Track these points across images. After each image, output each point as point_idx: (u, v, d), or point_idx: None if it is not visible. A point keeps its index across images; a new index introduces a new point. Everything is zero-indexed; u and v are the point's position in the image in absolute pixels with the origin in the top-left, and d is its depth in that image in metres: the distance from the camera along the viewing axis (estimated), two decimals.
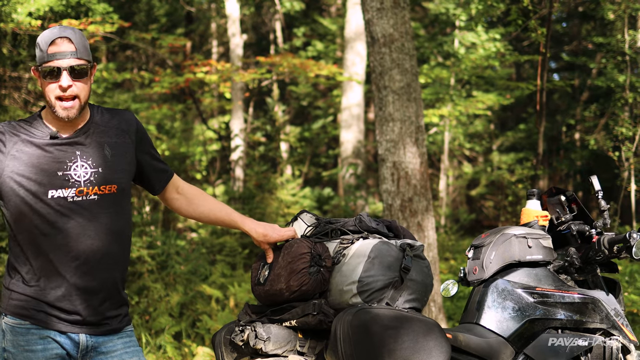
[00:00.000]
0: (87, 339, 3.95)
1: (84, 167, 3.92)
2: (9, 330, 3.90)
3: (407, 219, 8.89)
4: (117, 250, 4.01)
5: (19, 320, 3.88)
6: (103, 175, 3.95)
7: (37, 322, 3.87)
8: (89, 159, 3.94)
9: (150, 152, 4.24)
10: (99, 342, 3.99)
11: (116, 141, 4.07)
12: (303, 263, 3.98)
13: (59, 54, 3.86)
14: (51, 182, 3.85)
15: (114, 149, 4.04)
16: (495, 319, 4.57)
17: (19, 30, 11.31)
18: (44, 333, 3.87)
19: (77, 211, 3.88)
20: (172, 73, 18.68)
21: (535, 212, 5.10)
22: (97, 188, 3.92)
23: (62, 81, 3.86)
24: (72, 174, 3.89)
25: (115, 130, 4.09)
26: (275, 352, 3.98)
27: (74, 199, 3.88)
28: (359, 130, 19.34)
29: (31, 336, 3.87)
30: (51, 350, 3.87)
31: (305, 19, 27.10)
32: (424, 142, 9.08)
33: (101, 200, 3.94)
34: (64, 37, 3.88)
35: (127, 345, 4.07)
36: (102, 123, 4.07)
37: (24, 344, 3.87)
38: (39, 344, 3.86)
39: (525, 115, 26.52)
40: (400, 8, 9.01)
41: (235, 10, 20.47)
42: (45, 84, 3.89)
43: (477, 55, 19.56)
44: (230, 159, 20.05)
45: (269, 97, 24.94)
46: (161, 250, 11.31)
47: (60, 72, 3.86)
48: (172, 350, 9.53)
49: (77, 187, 3.89)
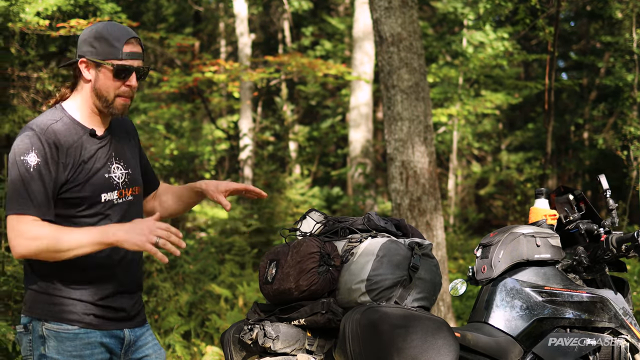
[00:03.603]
0: (130, 334, 4.02)
1: (119, 169, 3.98)
2: (52, 337, 3.85)
3: (415, 218, 8.89)
4: None
5: (65, 326, 3.85)
6: (132, 176, 4.03)
7: (85, 326, 3.87)
8: (121, 161, 4.00)
9: (145, 159, 4.32)
10: (137, 335, 4.06)
11: (131, 145, 4.14)
12: (312, 262, 3.98)
13: (134, 54, 3.89)
14: (102, 185, 3.89)
15: (132, 152, 4.12)
16: (504, 317, 4.57)
17: (27, 29, 11.34)
18: (92, 337, 3.88)
19: (119, 212, 3.94)
20: (181, 72, 18.71)
21: (543, 211, 5.09)
22: (130, 189, 4.00)
23: (132, 81, 3.89)
24: (113, 176, 3.94)
25: (127, 134, 4.15)
26: (284, 351, 3.98)
27: (117, 200, 3.94)
28: (367, 129, 19.34)
29: (79, 341, 3.85)
30: (97, 355, 3.89)
31: (313, 18, 27.11)
32: (432, 142, 9.08)
33: (133, 201, 4.03)
34: (136, 37, 3.92)
35: (152, 336, 4.18)
36: (120, 127, 4.11)
37: (72, 349, 3.85)
38: (87, 349, 3.87)
39: (534, 114, 26.50)
40: (408, 7, 9.01)
41: (243, 10, 20.48)
42: (110, 79, 3.87)
43: (485, 55, 19.54)
44: (239, 158, 20.08)
45: (277, 97, 24.97)
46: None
47: (131, 72, 3.88)
48: (181, 350, 9.54)
49: (118, 189, 3.95)
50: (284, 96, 24.63)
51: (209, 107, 21.99)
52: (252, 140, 19.99)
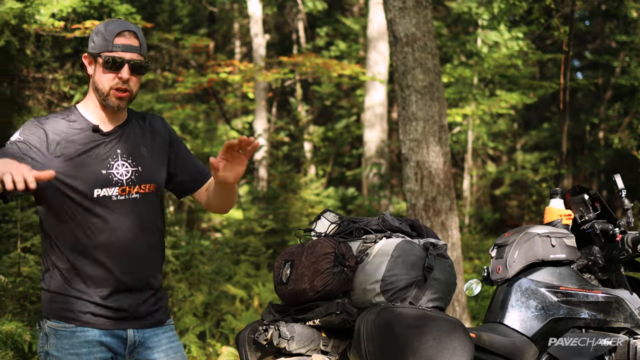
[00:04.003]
0: (135, 334, 3.98)
1: (124, 166, 3.95)
2: (52, 334, 3.89)
3: (430, 219, 8.88)
4: (157, 245, 4.07)
5: (63, 324, 3.87)
6: (142, 174, 3.99)
7: (83, 324, 3.87)
8: (129, 158, 3.98)
9: (185, 152, 4.25)
10: (145, 336, 4.01)
11: (151, 143, 4.11)
12: (327, 263, 3.98)
13: (125, 46, 3.90)
14: (96, 180, 3.87)
15: (150, 149, 4.08)
16: (519, 318, 4.57)
17: (42, 31, 11.36)
18: (90, 335, 3.87)
19: (120, 209, 3.91)
20: (195, 73, 18.72)
21: (558, 211, 5.08)
22: (138, 187, 3.96)
23: (122, 73, 3.90)
24: (114, 173, 3.92)
25: (150, 133, 4.13)
26: (299, 351, 3.97)
27: (117, 197, 3.91)
28: (382, 129, 19.32)
29: (76, 339, 3.86)
30: (96, 353, 3.88)
31: (327, 18, 27.10)
32: (447, 142, 9.07)
33: (142, 199, 3.98)
34: (131, 31, 3.94)
35: (171, 340, 4.12)
36: (137, 125, 4.11)
37: (69, 347, 3.86)
38: (84, 347, 3.86)
39: (549, 114, 26.45)
40: (422, 7, 9.00)
41: (258, 10, 20.50)
42: (102, 72, 3.92)
43: (500, 54, 19.51)
44: (253, 158, 20.09)
45: (292, 97, 24.98)
46: (185, 250, 11.33)
47: (123, 65, 3.90)
48: (197, 350, 9.55)
49: (120, 186, 3.92)
50: (298, 96, 24.65)
51: (223, 107, 22.00)
52: (266, 141, 20.00)
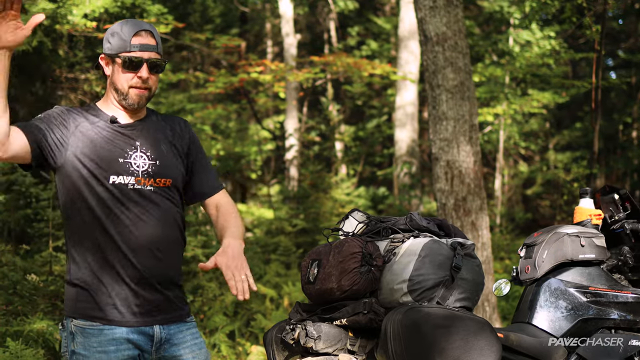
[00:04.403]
0: (161, 330, 3.98)
1: (142, 158, 3.97)
2: (79, 332, 3.90)
3: (461, 218, 8.86)
4: (175, 239, 4.06)
5: (90, 322, 3.89)
6: (160, 168, 4.00)
7: (109, 322, 3.88)
8: (148, 151, 3.99)
9: (203, 161, 4.26)
10: (170, 333, 4.02)
11: (171, 141, 4.12)
12: (354, 262, 3.98)
13: (143, 45, 3.94)
14: (112, 167, 3.89)
15: (170, 147, 4.09)
16: (548, 318, 4.55)
17: (74, 32, 11.44)
18: (117, 333, 3.88)
19: (135, 199, 3.92)
20: (227, 73, 18.78)
21: (588, 210, 5.06)
22: (152, 180, 3.96)
23: (142, 72, 3.94)
24: (132, 162, 3.94)
25: (171, 132, 4.14)
26: (326, 351, 3.98)
27: (134, 186, 3.92)
28: (413, 129, 19.28)
29: (103, 337, 3.87)
30: (123, 351, 3.88)
31: (359, 18, 27.09)
32: (477, 141, 9.04)
33: (157, 192, 3.98)
34: (147, 30, 3.97)
35: (195, 336, 4.12)
36: (157, 122, 4.13)
37: (97, 345, 3.87)
38: (112, 345, 3.87)
39: (582, 113, 26.29)
40: (453, 6, 8.98)
41: (289, 10, 20.53)
42: (121, 72, 3.95)
43: (531, 53, 19.41)
44: (284, 158, 20.13)
45: (323, 97, 24.98)
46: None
47: (142, 64, 3.94)
48: (227, 349, 9.57)
49: (136, 176, 3.93)
50: (329, 96, 24.64)
51: (254, 107, 22.06)
52: (297, 141, 20.02)
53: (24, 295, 8.39)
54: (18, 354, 7.05)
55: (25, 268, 8.63)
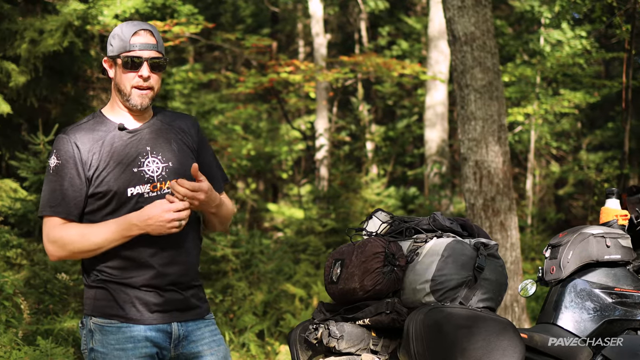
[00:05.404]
0: (179, 328, 4.00)
1: (155, 163, 3.98)
2: (97, 330, 3.93)
3: (489, 218, 8.84)
4: (193, 238, 4.08)
5: (109, 320, 3.92)
6: (174, 169, 4.01)
7: (127, 320, 3.91)
8: (159, 154, 4.01)
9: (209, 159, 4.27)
10: (188, 330, 4.04)
11: (181, 138, 4.12)
12: (377, 262, 3.98)
13: (142, 44, 3.96)
14: (129, 179, 3.92)
15: (179, 145, 4.09)
16: (573, 319, 4.52)
17: (105, 32, 11.51)
18: (135, 331, 3.91)
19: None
20: (257, 73, 18.83)
21: (614, 211, 5.02)
22: (169, 182, 3.97)
23: (142, 71, 3.95)
24: (145, 170, 3.95)
25: (178, 130, 4.14)
26: (349, 351, 3.98)
27: (149, 194, 3.94)
28: (443, 129, 19.25)
29: (122, 335, 3.90)
30: (141, 348, 3.91)
31: (390, 17, 27.06)
32: (506, 141, 9.01)
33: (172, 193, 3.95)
34: (146, 29, 3.99)
35: (214, 333, 4.14)
36: (165, 121, 4.13)
37: (115, 342, 3.90)
38: (130, 342, 3.90)
39: (614, 113, 26.12)
40: (481, 6, 8.96)
41: (319, 10, 20.55)
42: (123, 72, 3.97)
43: (562, 53, 19.32)
44: (315, 158, 20.16)
45: (353, 97, 24.99)
46: (245, 249, 11.40)
47: (142, 63, 3.95)
48: (256, 349, 9.61)
49: (152, 183, 3.95)
50: (360, 96, 24.65)
51: (285, 107, 22.10)
52: (328, 140, 20.04)
53: (54, 294, 8.47)
54: (48, 352, 7.11)
55: (56, 267, 8.69)
